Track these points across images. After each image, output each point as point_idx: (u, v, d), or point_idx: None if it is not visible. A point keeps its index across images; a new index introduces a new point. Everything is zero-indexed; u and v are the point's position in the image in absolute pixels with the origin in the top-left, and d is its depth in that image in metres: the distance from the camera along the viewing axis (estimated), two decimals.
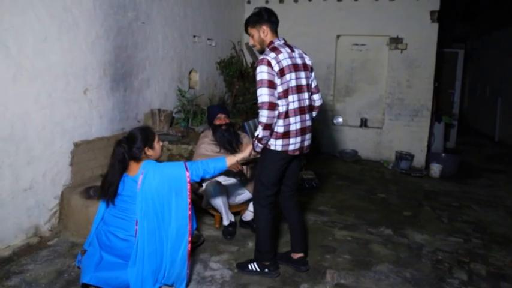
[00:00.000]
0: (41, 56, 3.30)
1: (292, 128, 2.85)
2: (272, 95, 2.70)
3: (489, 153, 8.31)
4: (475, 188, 5.68)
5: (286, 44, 2.93)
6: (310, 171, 5.54)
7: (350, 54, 7.15)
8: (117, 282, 2.63)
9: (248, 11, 7.33)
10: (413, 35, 6.54)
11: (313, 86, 3.06)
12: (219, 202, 3.66)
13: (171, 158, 4.37)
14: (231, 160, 2.93)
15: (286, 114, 2.81)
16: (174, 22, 5.22)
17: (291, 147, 2.87)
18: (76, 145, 3.74)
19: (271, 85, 2.70)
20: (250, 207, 3.86)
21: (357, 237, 3.77)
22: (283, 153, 2.88)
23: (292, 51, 2.91)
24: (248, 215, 3.89)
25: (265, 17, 2.91)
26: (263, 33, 2.92)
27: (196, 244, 3.42)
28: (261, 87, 2.69)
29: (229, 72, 6.49)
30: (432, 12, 6.38)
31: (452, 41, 8.91)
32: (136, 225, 2.67)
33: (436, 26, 6.39)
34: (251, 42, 3.04)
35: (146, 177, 2.68)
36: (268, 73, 2.70)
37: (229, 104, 6.34)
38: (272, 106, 2.69)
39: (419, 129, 6.71)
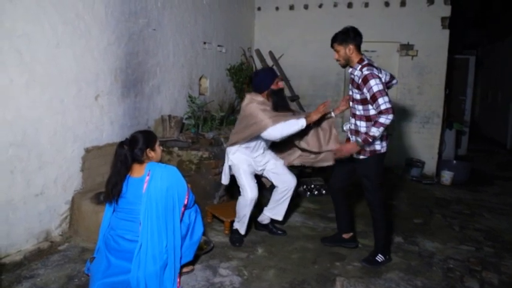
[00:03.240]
0: (53, 63, 3.34)
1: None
2: (390, 101, 3.06)
3: (501, 161, 8.21)
4: (486, 196, 5.61)
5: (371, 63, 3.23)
6: (319, 178, 5.52)
7: None
8: (123, 287, 2.64)
9: (258, 18, 7.41)
10: (424, 42, 6.50)
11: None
12: (248, 213, 3.62)
13: (181, 164, 4.38)
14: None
15: None
16: (184, 29, 5.26)
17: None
18: (87, 151, 3.77)
19: (387, 94, 3.07)
20: (266, 211, 3.89)
21: (367, 245, 3.74)
22: (385, 153, 3.31)
23: (380, 71, 3.24)
24: (266, 218, 3.92)
25: (352, 35, 3.19)
26: (349, 50, 3.21)
27: (206, 250, 3.42)
28: (383, 96, 3.02)
29: (239, 79, 6.52)
30: (443, 19, 6.35)
31: (463, 47, 8.86)
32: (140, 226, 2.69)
33: (447, 32, 6.36)
34: (336, 57, 3.31)
35: (153, 178, 2.71)
36: (382, 84, 3.06)
37: (239, 110, 6.34)
38: (393, 111, 3.05)
39: (430, 136, 6.66)
